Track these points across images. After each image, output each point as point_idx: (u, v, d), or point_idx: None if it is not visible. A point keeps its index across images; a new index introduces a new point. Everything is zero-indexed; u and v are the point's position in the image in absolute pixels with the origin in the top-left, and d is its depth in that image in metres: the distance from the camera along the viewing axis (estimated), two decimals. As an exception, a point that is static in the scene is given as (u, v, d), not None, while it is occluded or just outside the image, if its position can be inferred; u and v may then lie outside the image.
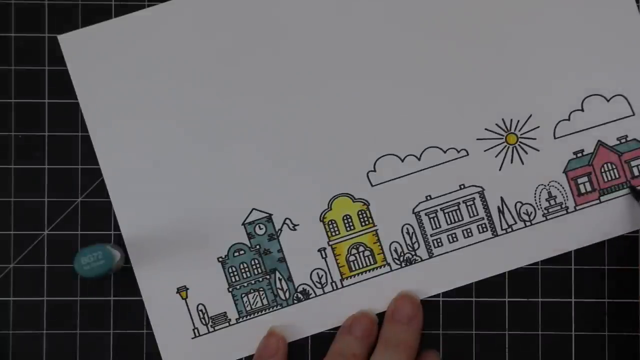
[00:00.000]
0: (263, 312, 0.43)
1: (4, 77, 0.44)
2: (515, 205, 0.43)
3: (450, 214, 0.43)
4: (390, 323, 0.42)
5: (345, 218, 0.43)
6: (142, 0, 0.44)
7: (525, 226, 0.43)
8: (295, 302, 0.43)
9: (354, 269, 0.43)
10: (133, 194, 0.43)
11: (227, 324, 0.43)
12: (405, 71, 0.43)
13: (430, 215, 0.43)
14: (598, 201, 0.44)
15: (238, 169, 0.43)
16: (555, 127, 0.44)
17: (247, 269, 0.43)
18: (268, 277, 0.43)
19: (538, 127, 0.44)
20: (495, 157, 0.43)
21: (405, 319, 0.42)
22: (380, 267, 0.43)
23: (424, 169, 0.43)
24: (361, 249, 0.43)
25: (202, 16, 0.43)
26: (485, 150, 0.43)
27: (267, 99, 0.43)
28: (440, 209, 0.43)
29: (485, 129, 0.44)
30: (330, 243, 0.43)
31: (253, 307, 0.43)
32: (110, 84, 0.43)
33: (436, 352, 0.43)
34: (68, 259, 0.43)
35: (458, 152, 0.43)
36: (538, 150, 0.44)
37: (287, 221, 0.43)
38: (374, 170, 0.43)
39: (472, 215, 0.43)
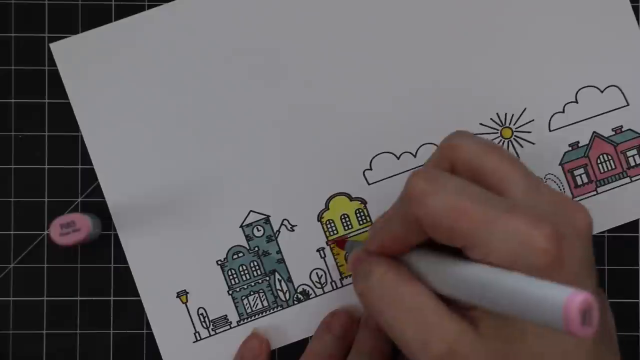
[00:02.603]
0: (264, 313, 0.41)
1: (4, 77, 0.42)
2: (513, 199, 0.42)
3: (447, 210, 0.42)
4: (364, 330, 0.40)
5: (343, 217, 0.42)
6: (142, 0, 0.42)
7: (523, 220, 0.42)
8: (296, 302, 0.41)
9: (353, 268, 0.42)
10: (129, 198, 0.41)
11: (228, 327, 0.41)
12: (399, 68, 0.42)
13: (428, 212, 0.42)
14: (595, 192, 0.42)
15: (234, 171, 0.42)
16: (550, 119, 0.42)
17: (246, 271, 0.41)
18: (268, 278, 0.41)
19: (533, 120, 0.42)
20: (491, 152, 0.42)
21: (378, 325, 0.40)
22: (379, 265, 0.41)
23: (420, 166, 0.42)
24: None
25: (196, 17, 0.42)
26: (480, 146, 0.42)
27: (262, 100, 0.42)
28: (437, 205, 0.42)
29: (480, 124, 0.42)
30: (329, 243, 0.42)
31: (254, 309, 0.41)
32: (104, 89, 0.42)
33: None
34: (68, 259, 0.42)
35: (454, 148, 0.42)
36: (533, 144, 0.42)
37: (285, 222, 0.42)
38: (370, 169, 0.42)
39: (469, 211, 0.42)
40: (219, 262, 0.41)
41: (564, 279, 0.27)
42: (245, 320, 0.41)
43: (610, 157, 0.42)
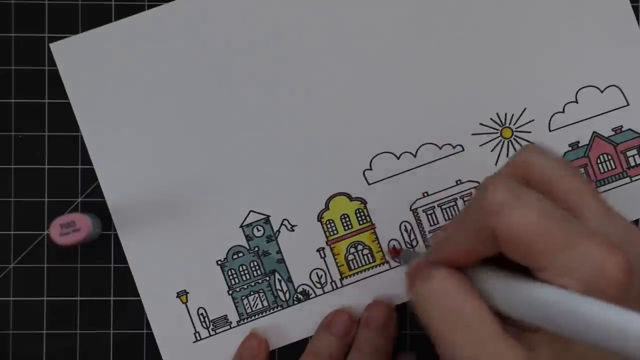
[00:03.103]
0: (264, 313, 0.41)
1: (4, 77, 0.42)
2: (513, 200, 0.42)
3: (447, 209, 0.42)
4: (364, 330, 0.40)
5: (343, 217, 0.42)
6: (142, 0, 0.42)
7: (523, 221, 0.42)
8: (296, 302, 0.41)
9: (353, 267, 0.41)
10: (129, 198, 0.41)
11: (228, 327, 0.41)
12: (399, 69, 0.42)
13: (428, 212, 0.42)
14: (595, 192, 0.42)
15: (234, 171, 0.41)
16: (550, 119, 0.42)
17: (246, 271, 0.41)
18: (268, 278, 0.41)
19: (533, 120, 0.42)
20: (491, 151, 0.42)
21: (379, 325, 0.40)
22: (380, 265, 0.42)
23: (420, 166, 0.42)
24: (360, 247, 0.42)
25: (196, 17, 0.42)
26: (480, 145, 0.42)
27: (262, 100, 0.42)
28: (438, 205, 0.42)
29: (480, 124, 0.42)
30: (329, 243, 0.42)
31: (254, 309, 0.41)
32: (104, 89, 0.41)
33: (413, 354, 0.42)
34: (68, 259, 0.41)
35: (453, 147, 0.42)
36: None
37: (285, 222, 0.41)
38: (370, 169, 0.42)
39: (469, 211, 0.42)
40: (219, 262, 0.41)
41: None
42: (245, 320, 0.41)
43: (610, 157, 0.42)
